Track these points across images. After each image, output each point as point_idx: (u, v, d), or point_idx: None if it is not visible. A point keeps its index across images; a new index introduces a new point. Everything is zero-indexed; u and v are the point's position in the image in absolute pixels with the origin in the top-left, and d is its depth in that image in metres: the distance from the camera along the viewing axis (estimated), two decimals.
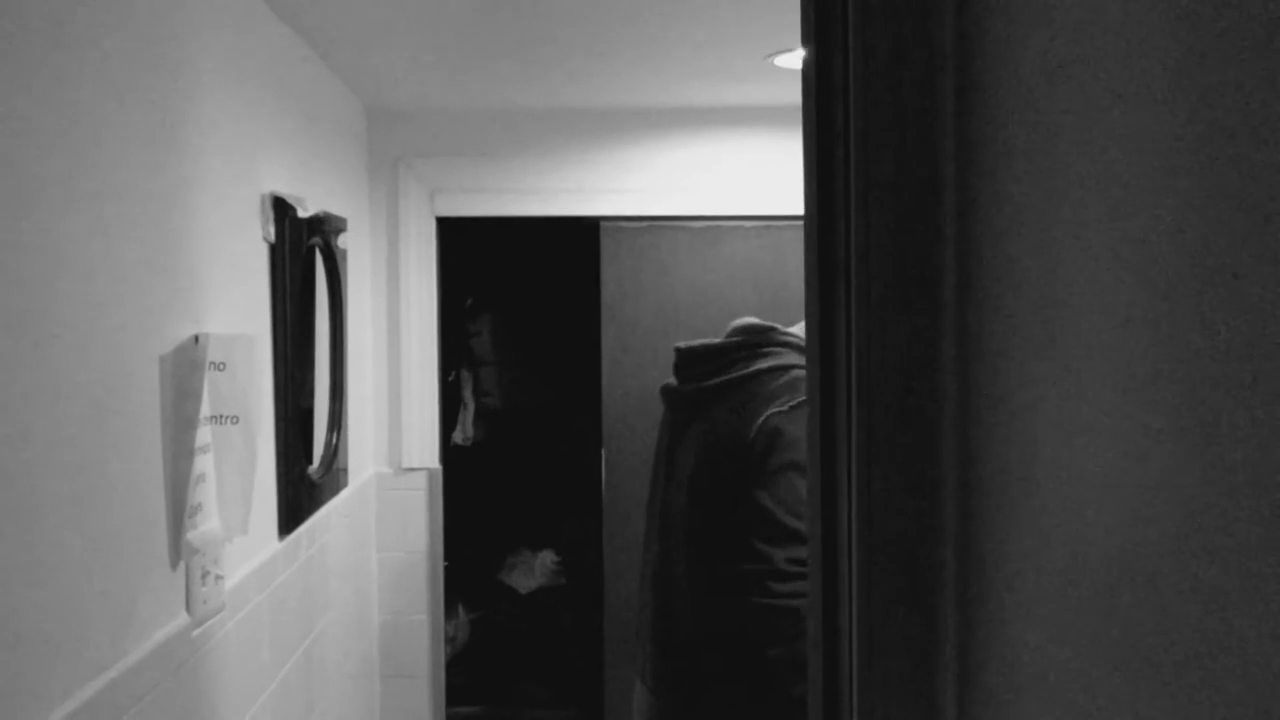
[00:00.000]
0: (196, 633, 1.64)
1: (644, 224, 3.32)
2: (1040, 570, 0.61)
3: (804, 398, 1.69)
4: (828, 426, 0.77)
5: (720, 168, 3.22)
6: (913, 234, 0.72)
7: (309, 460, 2.38)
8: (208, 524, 1.66)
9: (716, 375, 1.86)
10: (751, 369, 1.82)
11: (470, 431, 4.31)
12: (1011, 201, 0.64)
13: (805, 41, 0.79)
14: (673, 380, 2.00)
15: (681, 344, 1.99)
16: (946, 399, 0.72)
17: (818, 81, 0.77)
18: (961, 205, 0.70)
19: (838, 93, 0.75)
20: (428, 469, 3.28)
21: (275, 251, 2.11)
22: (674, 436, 1.96)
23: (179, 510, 1.57)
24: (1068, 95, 0.58)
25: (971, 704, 0.70)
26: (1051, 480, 0.60)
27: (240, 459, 1.70)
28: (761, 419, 1.76)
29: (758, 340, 1.86)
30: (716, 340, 1.93)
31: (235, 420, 1.68)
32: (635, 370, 3.32)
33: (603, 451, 3.36)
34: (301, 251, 2.25)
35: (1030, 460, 0.62)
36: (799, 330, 1.85)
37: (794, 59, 2.48)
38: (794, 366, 1.80)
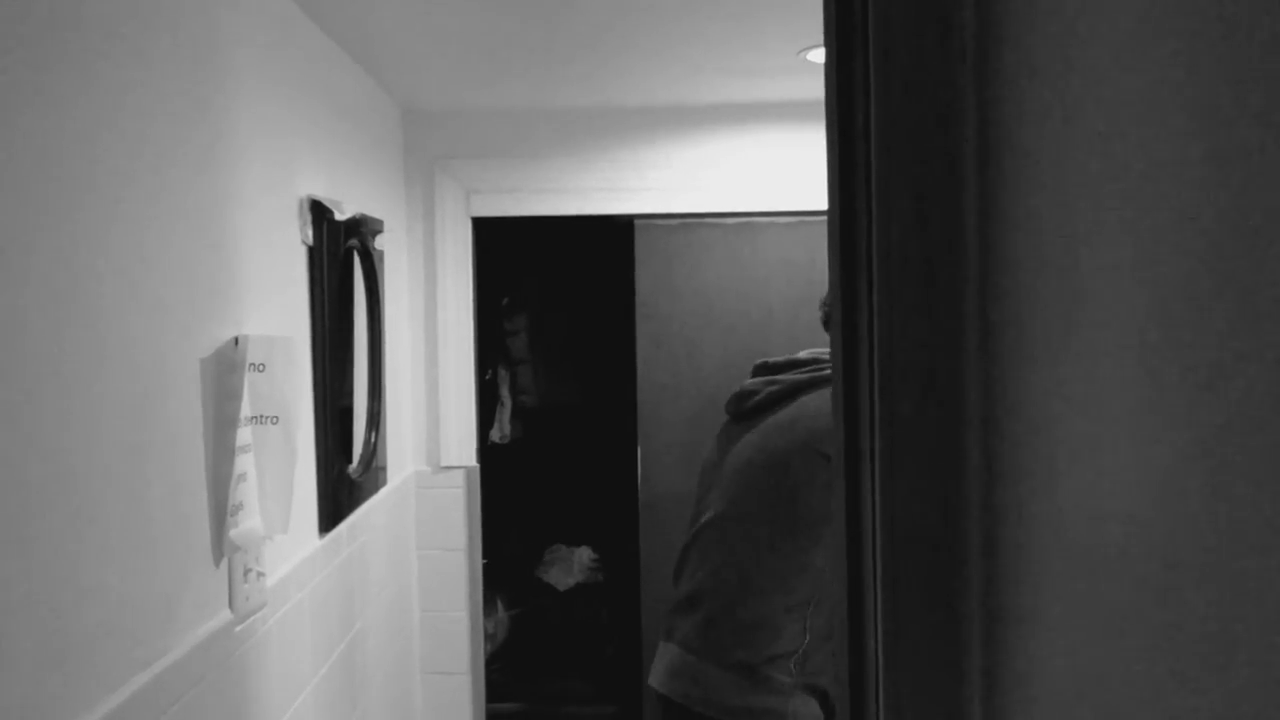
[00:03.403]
0: (239, 628, 1.68)
1: (678, 221, 3.32)
2: (1063, 566, 0.61)
3: None
4: (851, 422, 0.78)
5: (754, 163, 3.22)
6: (934, 232, 0.72)
7: (348, 459, 2.41)
8: (249, 522, 1.70)
9: (785, 381, 2.00)
10: (817, 375, 1.97)
11: (507, 429, 4.34)
12: (1031, 200, 0.65)
13: (826, 41, 0.79)
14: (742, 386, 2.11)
15: (766, 359, 2.12)
16: (969, 395, 0.72)
17: (838, 81, 0.77)
18: (983, 204, 0.70)
19: (858, 92, 0.75)
20: (465, 467, 3.31)
21: (313, 254, 2.14)
22: (730, 439, 2.04)
23: (221, 509, 1.61)
24: (1084, 95, 0.58)
25: (997, 702, 0.70)
26: (1072, 476, 0.60)
27: (280, 458, 1.73)
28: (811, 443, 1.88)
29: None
30: (793, 355, 2.08)
31: (275, 420, 1.71)
32: (670, 367, 3.33)
33: (638, 448, 3.37)
34: (339, 253, 2.28)
35: (1051, 456, 0.62)
36: None
37: None
38: None
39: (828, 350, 2.06)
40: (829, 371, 1.96)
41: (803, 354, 2.09)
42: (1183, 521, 0.49)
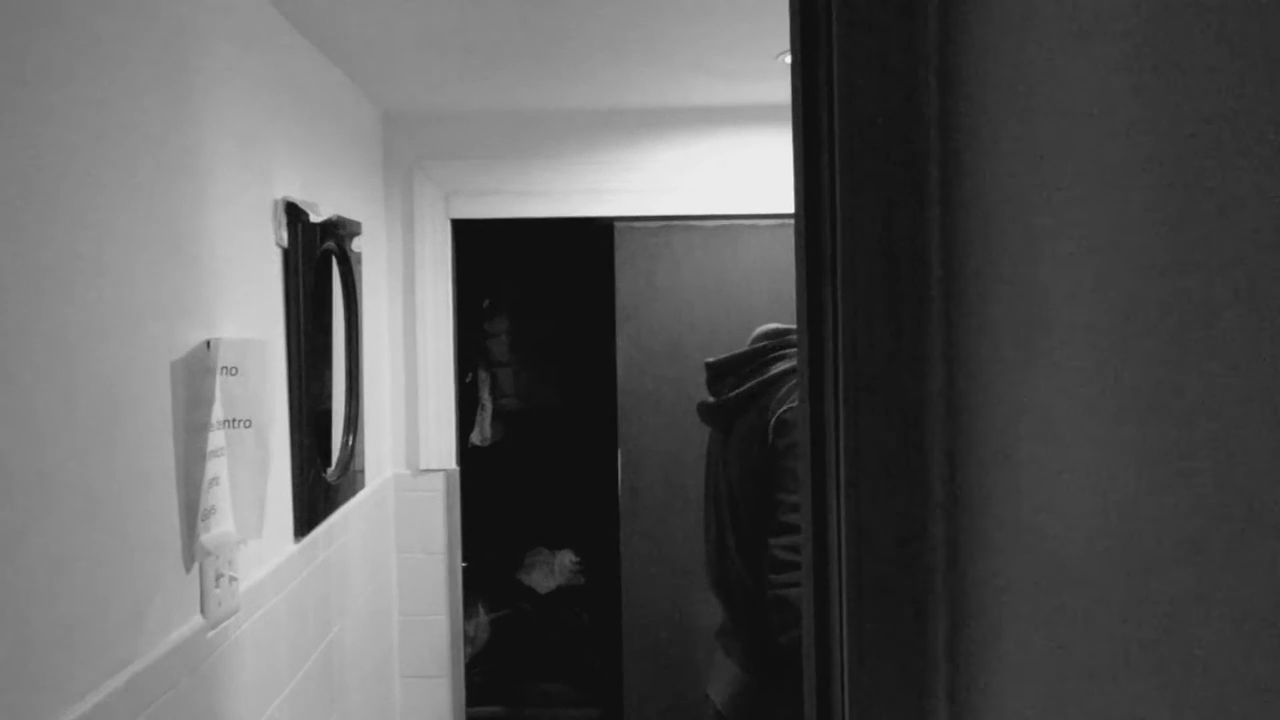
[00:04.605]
0: (211, 634, 1.66)
1: (658, 224, 3.32)
2: (1026, 572, 0.61)
3: None
4: (817, 426, 0.78)
5: (734, 167, 3.22)
6: (898, 238, 0.72)
7: (326, 462, 2.40)
8: (221, 527, 1.68)
9: (742, 384, 1.95)
10: (770, 373, 1.91)
11: (488, 432, 4.33)
12: (994, 202, 0.65)
13: (791, 46, 0.79)
14: (708, 397, 2.06)
15: (710, 359, 2.07)
16: (934, 404, 0.72)
17: (804, 86, 0.77)
18: (946, 210, 0.70)
19: (823, 97, 0.75)
20: (445, 470, 3.30)
21: (288, 256, 2.13)
22: (721, 447, 2.01)
23: (192, 513, 1.59)
24: (1042, 105, 0.58)
25: (963, 706, 0.70)
26: (1033, 481, 0.60)
27: (253, 462, 1.72)
28: (774, 417, 1.82)
29: (777, 344, 1.94)
30: (740, 350, 2.01)
31: (248, 424, 1.70)
32: (650, 369, 3.33)
33: (619, 451, 3.37)
34: (315, 256, 2.27)
35: (1013, 460, 0.62)
36: None
37: None
38: None
39: (773, 328, 2.01)
40: (769, 374, 1.90)
41: (748, 344, 2.03)
42: (1147, 533, 0.49)
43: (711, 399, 2.04)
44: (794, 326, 1.95)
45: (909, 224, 0.72)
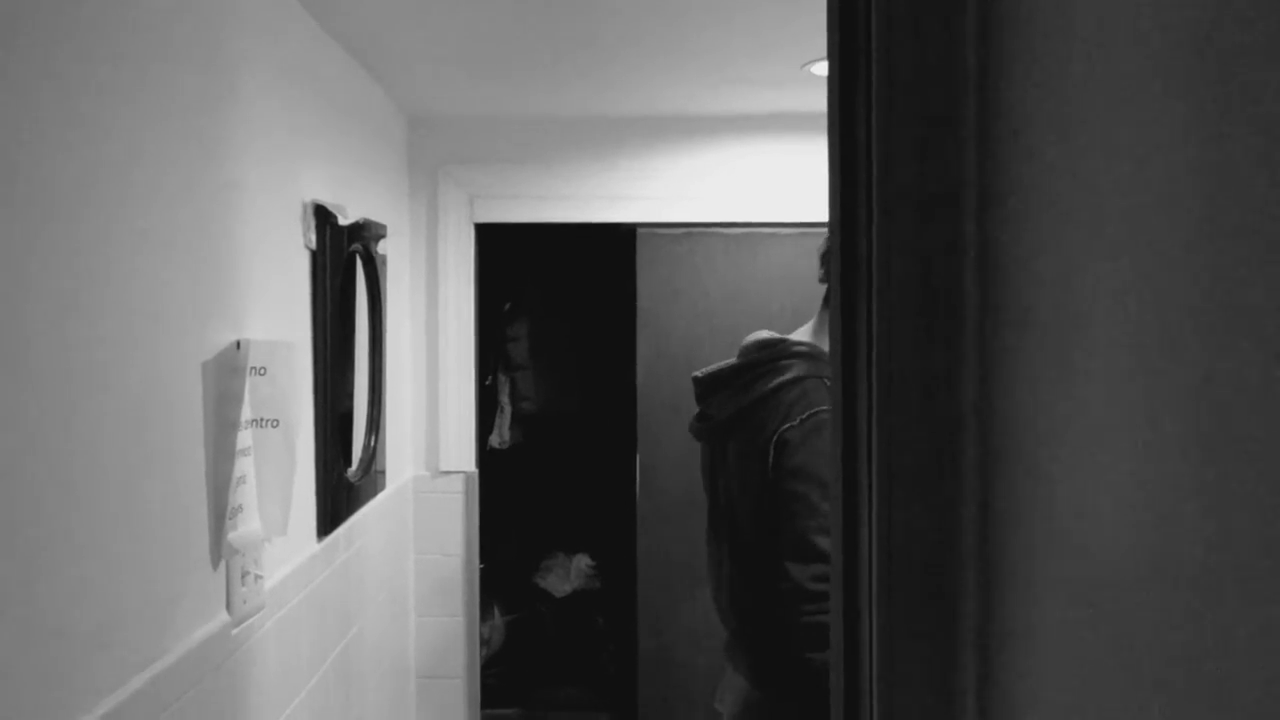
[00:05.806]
0: (236, 631, 1.68)
1: (680, 230, 3.33)
2: (1059, 590, 0.62)
3: (816, 408, 1.70)
4: (849, 443, 0.78)
5: (757, 174, 3.23)
6: (934, 252, 0.72)
7: (348, 463, 2.42)
8: (248, 525, 1.70)
9: (735, 400, 1.87)
10: (763, 390, 1.82)
11: (507, 435, 4.34)
12: (1033, 211, 0.65)
13: (829, 56, 0.80)
14: (695, 411, 2.01)
15: (698, 373, 1.99)
16: (967, 419, 0.72)
17: (841, 96, 0.78)
18: (982, 224, 0.71)
19: (860, 108, 0.76)
20: (464, 472, 3.32)
21: (316, 258, 2.14)
22: (714, 467, 1.97)
23: (220, 512, 1.61)
24: (1083, 120, 0.59)
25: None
26: (1067, 499, 0.60)
27: (280, 462, 1.74)
28: (776, 436, 1.76)
29: (769, 356, 1.85)
30: (729, 363, 1.93)
31: (275, 424, 1.72)
32: (670, 376, 3.33)
33: (637, 456, 3.37)
34: (342, 258, 2.28)
35: (1049, 479, 0.63)
36: (804, 335, 1.86)
37: None
38: (806, 377, 1.79)
39: (763, 338, 1.91)
40: (762, 390, 1.83)
41: (737, 355, 1.94)
42: (1183, 546, 0.49)
43: (699, 412, 1.99)
44: (784, 336, 1.91)
45: (946, 234, 0.73)
